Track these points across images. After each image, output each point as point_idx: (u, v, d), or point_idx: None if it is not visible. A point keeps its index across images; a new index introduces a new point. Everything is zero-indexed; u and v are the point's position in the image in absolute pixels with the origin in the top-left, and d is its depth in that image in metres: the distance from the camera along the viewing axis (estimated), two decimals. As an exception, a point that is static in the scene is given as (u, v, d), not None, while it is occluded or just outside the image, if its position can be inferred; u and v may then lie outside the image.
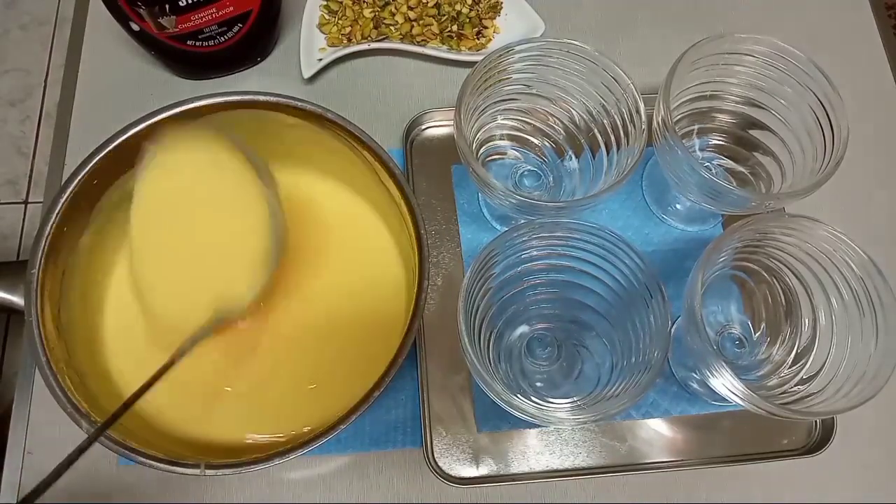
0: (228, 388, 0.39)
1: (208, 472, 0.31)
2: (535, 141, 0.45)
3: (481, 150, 0.44)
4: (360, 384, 0.34)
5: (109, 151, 0.36)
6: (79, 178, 0.36)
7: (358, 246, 0.43)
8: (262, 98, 0.37)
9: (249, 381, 0.39)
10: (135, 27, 0.44)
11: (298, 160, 0.42)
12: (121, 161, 0.36)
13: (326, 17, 0.52)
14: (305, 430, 0.37)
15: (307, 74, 0.49)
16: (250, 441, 0.38)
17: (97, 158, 0.36)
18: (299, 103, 0.37)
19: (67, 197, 0.35)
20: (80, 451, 0.29)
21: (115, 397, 0.37)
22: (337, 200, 0.43)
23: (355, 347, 0.40)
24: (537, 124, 0.44)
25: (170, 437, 0.37)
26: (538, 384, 0.41)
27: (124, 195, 0.36)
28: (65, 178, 0.37)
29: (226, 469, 0.31)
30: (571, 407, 0.38)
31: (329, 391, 0.39)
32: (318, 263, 0.42)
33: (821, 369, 0.37)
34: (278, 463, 0.31)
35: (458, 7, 0.52)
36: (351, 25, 0.51)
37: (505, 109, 0.43)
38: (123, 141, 0.36)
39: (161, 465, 0.32)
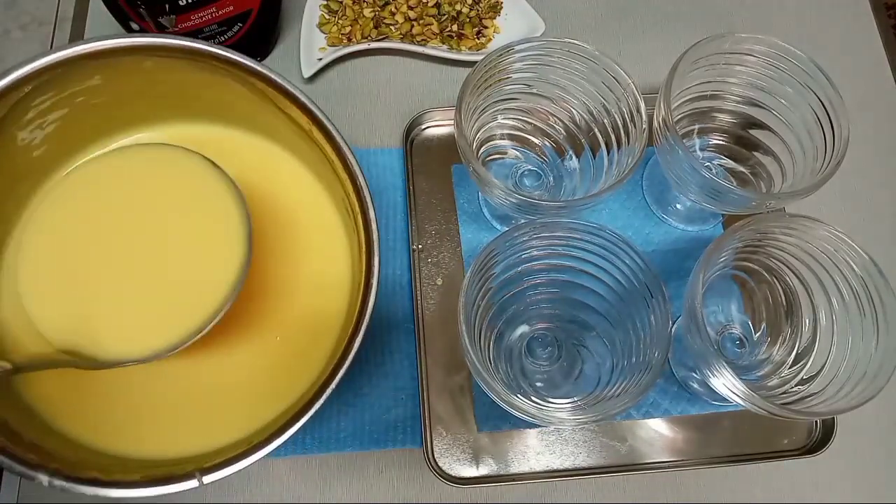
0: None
1: (206, 479, 0.29)
2: (536, 140, 0.45)
3: (481, 150, 0.44)
4: (290, 390, 0.31)
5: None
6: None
7: (293, 223, 0.37)
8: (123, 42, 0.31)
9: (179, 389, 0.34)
10: (135, 26, 0.44)
11: (207, 112, 0.37)
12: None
13: (326, 16, 0.52)
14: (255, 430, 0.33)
15: (307, 74, 0.49)
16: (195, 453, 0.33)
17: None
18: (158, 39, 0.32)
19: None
20: None
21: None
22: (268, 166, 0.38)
23: (279, 349, 0.35)
24: (538, 124, 0.44)
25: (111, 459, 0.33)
26: (538, 384, 0.41)
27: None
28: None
29: (222, 470, 0.29)
30: (572, 407, 0.38)
31: (264, 396, 0.34)
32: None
33: (821, 369, 0.37)
34: (273, 447, 0.29)
35: (458, 7, 0.52)
36: (351, 25, 0.51)
37: (505, 109, 0.43)
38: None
39: (154, 490, 0.29)
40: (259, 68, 0.32)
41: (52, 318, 0.30)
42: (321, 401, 0.30)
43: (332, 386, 0.30)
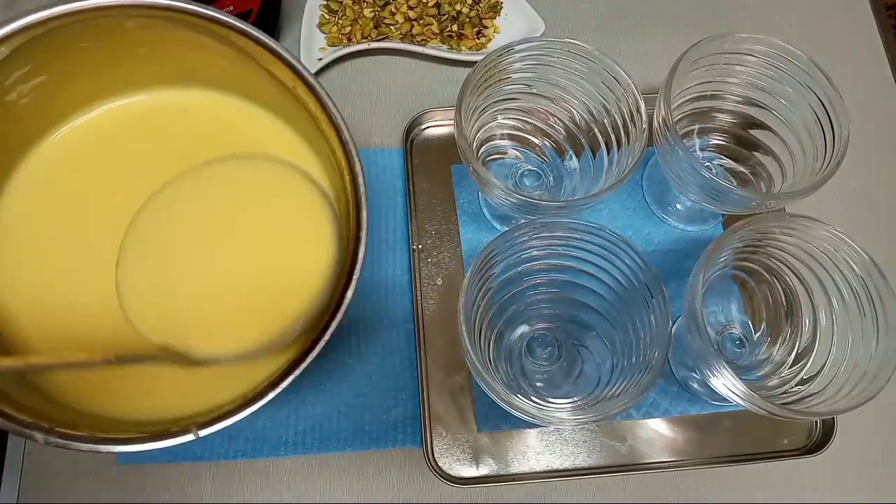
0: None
1: (202, 432, 0.29)
2: (536, 140, 0.45)
3: (481, 150, 0.44)
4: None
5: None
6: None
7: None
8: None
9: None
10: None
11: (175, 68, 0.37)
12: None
13: (326, 16, 0.52)
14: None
15: (307, 74, 0.49)
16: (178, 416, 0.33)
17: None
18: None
19: None
20: None
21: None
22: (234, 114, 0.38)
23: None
24: (538, 124, 0.44)
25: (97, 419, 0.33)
26: (538, 384, 0.41)
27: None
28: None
29: (218, 423, 0.29)
30: (572, 407, 0.38)
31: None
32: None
33: (821, 369, 0.37)
34: (267, 400, 0.30)
35: (458, 7, 0.52)
36: (351, 25, 0.51)
37: (505, 109, 0.43)
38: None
39: (151, 444, 0.29)
40: (241, 25, 0.32)
41: (151, 317, 0.31)
42: (315, 352, 0.30)
43: (326, 338, 0.30)
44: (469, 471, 0.41)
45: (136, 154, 0.37)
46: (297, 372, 0.30)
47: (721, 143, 0.45)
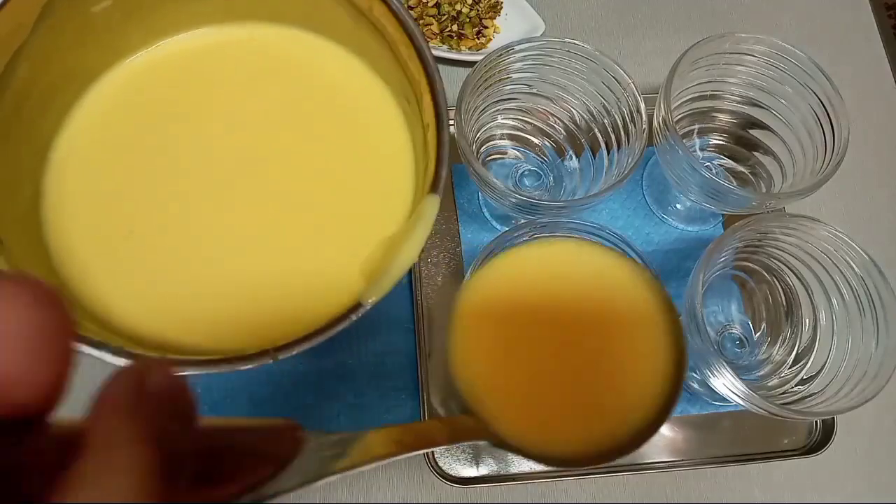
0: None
1: (280, 355, 0.27)
2: (536, 140, 0.45)
3: (481, 150, 0.44)
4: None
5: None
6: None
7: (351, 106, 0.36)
8: None
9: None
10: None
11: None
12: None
13: (326, 16, 0.52)
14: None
15: (307, 74, 0.49)
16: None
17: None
18: None
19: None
20: None
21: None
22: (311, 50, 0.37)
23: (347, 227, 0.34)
24: (538, 124, 0.44)
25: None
26: (538, 384, 0.41)
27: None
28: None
29: (296, 347, 0.27)
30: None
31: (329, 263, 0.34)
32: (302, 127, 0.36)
33: (821, 369, 0.37)
34: (341, 327, 0.28)
35: (458, 7, 0.52)
36: None
37: (505, 109, 0.43)
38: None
39: (230, 366, 0.27)
40: None
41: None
42: (405, 265, 0.29)
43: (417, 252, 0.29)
44: (469, 471, 0.41)
45: (199, 92, 0.36)
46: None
47: (721, 142, 0.45)
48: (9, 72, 0.30)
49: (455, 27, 0.51)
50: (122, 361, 0.27)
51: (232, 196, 0.35)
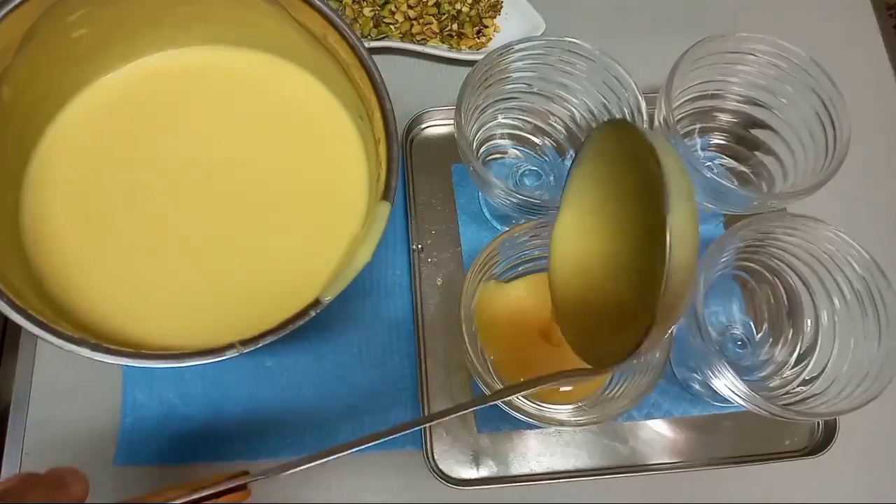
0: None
1: (245, 348, 0.29)
2: (536, 140, 0.45)
3: (482, 150, 0.44)
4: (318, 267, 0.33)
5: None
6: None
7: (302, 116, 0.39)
8: None
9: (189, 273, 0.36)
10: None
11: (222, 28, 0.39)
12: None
13: (326, 16, 0.52)
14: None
15: (307, 73, 0.49)
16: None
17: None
18: None
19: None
20: None
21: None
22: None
23: (305, 233, 0.37)
24: (538, 123, 0.44)
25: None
26: (539, 385, 0.41)
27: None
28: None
29: (260, 340, 0.29)
30: (572, 409, 0.38)
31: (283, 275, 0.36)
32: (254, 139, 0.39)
33: (823, 370, 0.37)
34: (301, 323, 0.30)
35: (458, 6, 0.52)
36: (350, 24, 0.51)
37: (505, 108, 0.43)
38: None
39: (197, 360, 0.29)
40: None
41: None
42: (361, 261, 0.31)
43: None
44: (469, 472, 0.41)
45: (169, 109, 0.39)
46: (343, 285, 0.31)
47: (722, 142, 0.45)
48: None
49: (455, 26, 0.51)
50: (100, 356, 0.28)
51: (203, 203, 0.37)
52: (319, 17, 0.34)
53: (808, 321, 0.39)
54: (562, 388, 0.37)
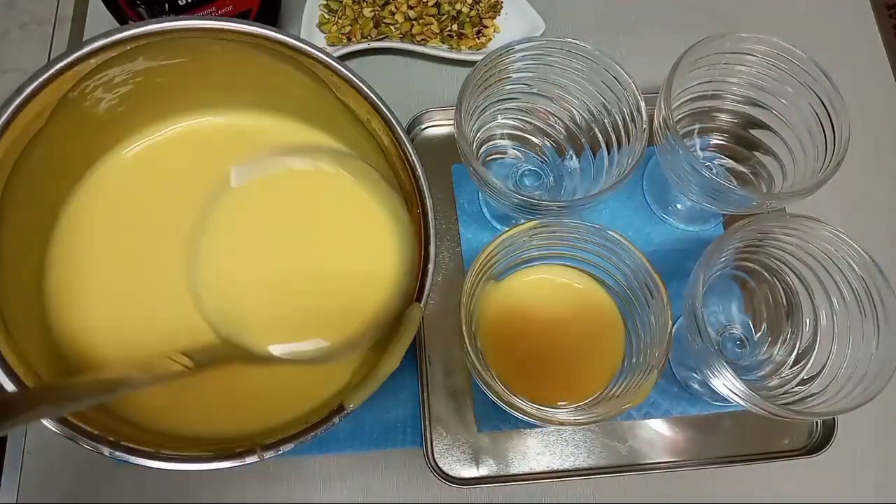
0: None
1: (266, 455, 0.29)
2: (536, 140, 0.45)
3: (482, 150, 0.44)
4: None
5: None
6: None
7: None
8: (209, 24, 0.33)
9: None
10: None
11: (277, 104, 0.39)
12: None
13: (326, 16, 0.52)
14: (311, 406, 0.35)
15: (307, 74, 0.49)
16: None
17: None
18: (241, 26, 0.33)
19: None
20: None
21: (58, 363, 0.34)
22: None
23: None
24: (538, 123, 0.44)
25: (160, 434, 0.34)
26: (538, 384, 0.41)
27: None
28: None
29: (281, 446, 0.30)
30: (572, 409, 0.38)
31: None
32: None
33: (822, 369, 0.37)
34: (324, 431, 0.31)
35: (458, 6, 0.52)
36: (351, 25, 0.51)
37: (505, 109, 0.43)
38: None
39: (217, 464, 0.29)
40: (325, 57, 0.34)
41: (219, 310, 0.34)
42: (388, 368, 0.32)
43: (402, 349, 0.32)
44: (469, 471, 0.41)
45: (200, 175, 0.38)
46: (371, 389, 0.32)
47: (721, 142, 0.45)
48: (26, 153, 0.33)
49: (455, 27, 0.51)
50: (121, 455, 0.29)
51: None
52: (365, 102, 0.34)
53: (807, 321, 0.39)
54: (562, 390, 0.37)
